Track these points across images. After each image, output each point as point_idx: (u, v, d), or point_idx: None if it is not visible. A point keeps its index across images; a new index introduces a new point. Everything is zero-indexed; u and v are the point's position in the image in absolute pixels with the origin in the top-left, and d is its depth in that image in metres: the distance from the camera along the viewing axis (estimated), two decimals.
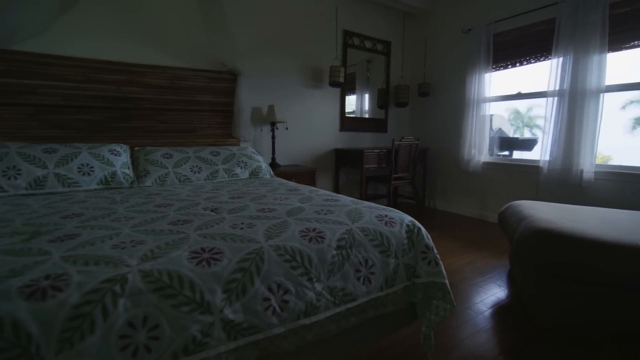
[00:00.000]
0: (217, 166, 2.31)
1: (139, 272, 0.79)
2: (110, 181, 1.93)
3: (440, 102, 4.04)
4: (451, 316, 1.78)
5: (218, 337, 0.82)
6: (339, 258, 1.06)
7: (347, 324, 1.06)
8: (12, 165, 1.73)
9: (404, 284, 1.22)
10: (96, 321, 0.70)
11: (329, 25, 3.57)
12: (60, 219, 1.22)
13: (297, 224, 1.14)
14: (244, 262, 0.90)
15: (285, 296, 0.93)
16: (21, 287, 0.70)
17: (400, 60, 4.23)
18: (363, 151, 3.36)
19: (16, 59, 2.23)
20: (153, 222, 1.18)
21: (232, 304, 0.85)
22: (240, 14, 3.02)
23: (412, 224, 1.31)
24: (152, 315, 0.75)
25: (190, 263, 0.85)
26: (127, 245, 0.92)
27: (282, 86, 3.37)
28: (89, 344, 0.69)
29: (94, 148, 2.04)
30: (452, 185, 3.99)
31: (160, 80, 2.71)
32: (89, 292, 0.72)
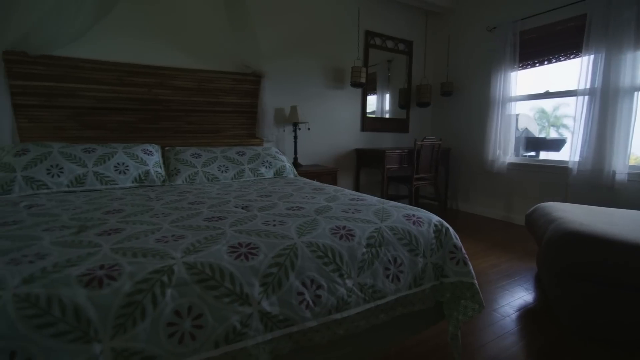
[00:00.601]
0: (243, 165, 2.38)
1: (183, 264, 0.84)
2: (144, 179, 2.03)
3: (464, 101, 3.98)
4: (477, 318, 1.76)
5: (256, 328, 0.85)
6: (368, 256, 1.09)
7: (377, 321, 1.08)
8: (55, 163, 1.84)
9: (432, 283, 1.22)
10: (147, 309, 0.75)
11: (351, 26, 3.59)
12: (102, 215, 1.30)
13: (327, 222, 1.17)
14: (279, 257, 0.94)
15: (318, 291, 0.96)
16: (79, 275, 0.76)
17: (422, 59, 4.19)
18: (384, 151, 3.36)
19: (57, 64, 2.36)
20: (189, 218, 1.23)
21: (269, 297, 0.88)
22: (264, 17, 3.09)
23: (440, 224, 1.31)
24: (196, 305, 0.80)
25: (229, 257, 0.89)
26: (170, 239, 0.98)
27: (304, 87, 3.42)
28: (140, 330, 0.74)
29: (128, 148, 2.14)
30: (475, 186, 3.92)
31: (188, 82, 2.80)
32: (140, 282, 0.77)
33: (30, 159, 1.82)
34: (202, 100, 2.89)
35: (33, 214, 1.32)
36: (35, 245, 0.94)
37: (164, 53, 2.73)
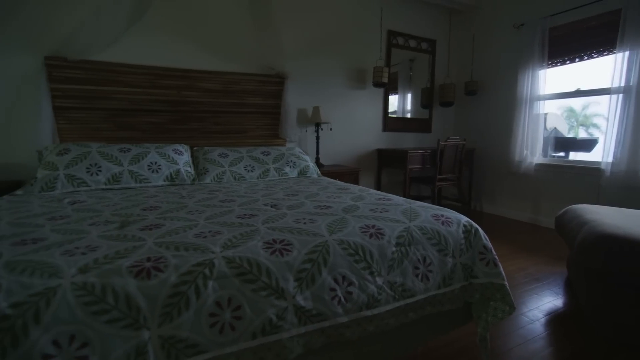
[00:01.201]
0: (268, 165, 2.43)
1: (223, 258, 0.88)
2: (175, 178, 2.11)
3: (489, 100, 3.90)
4: (505, 321, 1.73)
5: (291, 321, 0.88)
6: (398, 254, 1.10)
7: (406, 319, 1.09)
8: (94, 162, 1.94)
9: (461, 284, 1.22)
10: (190, 299, 0.79)
11: (373, 26, 3.59)
12: (141, 211, 1.37)
13: (356, 221, 1.19)
14: (312, 253, 0.97)
15: (349, 288, 0.98)
16: (129, 266, 0.81)
17: (445, 58, 4.13)
18: (407, 151, 3.34)
19: (94, 68, 2.49)
20: (222, 215, 1.28)
21: (303, 292, 0.91)
22: (288, 19, 3.14)
23: (469, 225, 1.30)
24: (236, 297, 0.84)
25: (265, 252, 0.93)
26: (207, 235, 1.02)
27: (327, 88, 3.45)
28: (185, 319, 0.78)
29: (160, 148, 2.23)
30: (500, 188, 3.83)
31: (215, 84, 2.89)
32: (185, 274, 0.81)
33: (71, 158, 1.93)
34: (228, 102, 2.96)
35: (77, 210, 1.40)
36: (85, 238, 1.01)
37: (192, 56, 2.82)
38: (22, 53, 2.34)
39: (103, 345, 0.71)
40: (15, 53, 2.33)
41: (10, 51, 2.32)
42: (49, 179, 1.82)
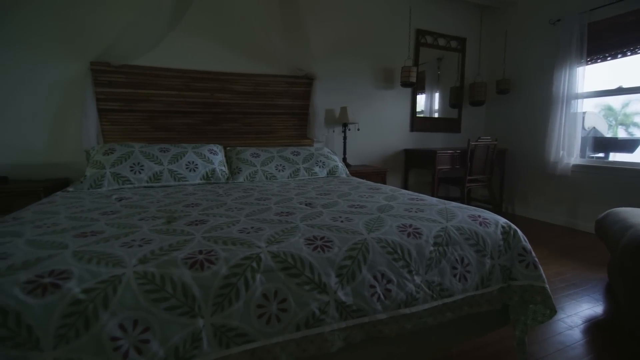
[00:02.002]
0: (298, 165, 2.47)
1: (268, 252, 0.92)
2: (210, 177, 2.19)
3: (522, 99, 3.77)
4: (542, 326, 1.68)
5: (332, 316, 0.91)
6: (436, 254, 1.10)
7: (443, 319, 1.09)
8: (137, 162, 2.06)
9: (499, 285, 1.20)
10: (240, 291, 0.84)
11: (402, 25, 3.56)
12: (184, 208, 1.44)
13: (392, 220, 1.20)
14: (352, 250, 0.99)
15: (388, 285, 1.00)
16: (184, 258, 0.86)
17: (476, 56, 4.04)
18: (436, 152, 3.29)
19: (134, 72, 2.63)
20: (260, 212, 1.33)
21: (344, 287, 0.94)
22: (316, 21, 3.17)
23: (508, 226, 1.28)
24: (281, 290, 0.88)
25: (307, 248, 0.96)
26: (251, 231, 1.07)
27: (354, 88, 3.46)
28: (235, 309, 0.83)
29: (197, 148, 2.33)
30: (534, 190, 3.70)
31: (246, 86, 2.97)
32: (234, 266, 0.86)
33: (116, 158, 2.05)
34: (258, 103, 3.04)
35: (125, 206, 1.50)
36: (138, 232, 1.08)
37: (225, 59, 2.92)
38: (71, 59, 2.51)
39: (162, 330, 0.76)
40: (64, 59, 2.50)
41: (60, 57, 2.49)
42: (96, 177, 1.95)
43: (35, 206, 1.48)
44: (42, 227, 1.12)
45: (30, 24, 2.40)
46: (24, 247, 0.93)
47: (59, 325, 0.70)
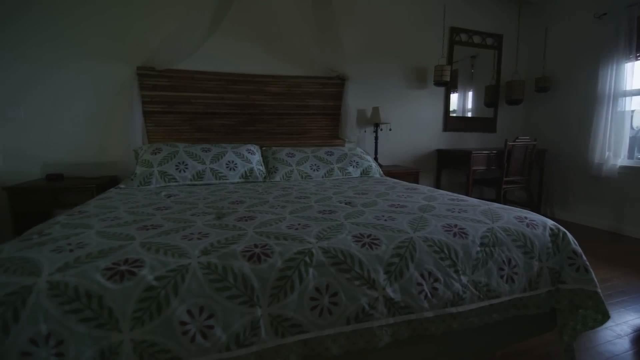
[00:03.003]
0: (333, 165, 2.51)
1: (319, 248, 0.95)
2: (249, 176, 2.27)
3: (564, 97, 3.61)
4: (589, 334, 1.62)
5: (381, 311, 0.94)
6: (482, 255, 1.09)
7: (489, 320, 1.08)
8: (181, 161, 2.17)
9: (547, 288, 1.18)
10: (295, 283, 0.88)
11: (435, 24, 3.51)
12: (230, 204, 1.51)
13: (436, 220, 1.20)
14: (400, 249, 1.01)
15: (435, 284, 1.00)
16: (242, 251, 0.92)
17: (513, 54, 3.91)
18: (471, 152, 3.22)
19: (176, 76, 2.76)
20: (303, 210, 1.37)
21: (392, 284, 0.96)
22: (349, 21, 3.19)
23: (557, 228, 1.25)
24: (333, 284, 0.91)
25: (356, 245, 0.99)
26: (299, 227, 1.11)
27: (386, 88, 3.45)
28: (290, 300, 0.87)
29: (236, 148, 2.42)
30: (576, 192, 3.53)
31: (280, 88, 3.04)
32: (288, 260, 0.90)
33: (163, 157, 2.17)
34: (291, 104, 3.10)
35: (175, 202, 1.59)
36: (193, 226, 1.15)
37: (260, 61, 3.00)
38: (120, 65, 2.68)
39: (225, 317, 0.82)
40: (114, 65, 2.68)
41: (111, 63, 2.67)
42: (145, 174, 2.07)
43: (95, 201, 1.60)
44: (106, 220, 1.22)
45: (85, 32, 2.58)
46: (96, 237, 1.02)
47: (135, 309, 0.77)
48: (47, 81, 2.55)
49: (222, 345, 0.81)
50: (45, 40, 2.51)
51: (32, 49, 2.49)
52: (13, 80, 2.49)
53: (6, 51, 2.45)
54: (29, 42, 2.48)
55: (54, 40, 2.53)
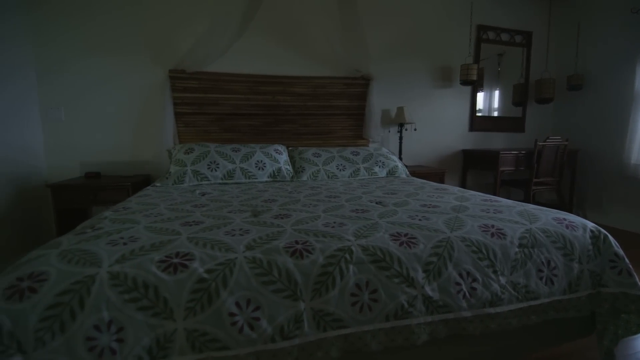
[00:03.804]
0: (359, 165, 2.52)
1: (358, 246, 0.97)
2: (277, 175, 2.32)
3: (598, 95, 3.47)
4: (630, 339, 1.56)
5: (419, 309, 0.95)
6: (521, 255, 1.09)
7: (528, 321, 1.07)
8: (213, 160, 2.24)
9: (588, 291, 1.15)
10: (336, 279, 0.91)
11: (462, 22, 3.46)
12: (263, 202, 1.56)
13: (472, 220, 1.20)
14: (438, 248, 1.01)
15: (473, 284, 1.01)
16: (284, 247, 0.95)
17: (543, 51, 3.79)
18: (499, 152, 3.15)
19: (205, 78, 2.85)
20: (336, 209, 1.39)
21: (430, 283, 0.97)
22: (374, 21, 3.19)
23: (597, 230, 1.22)
24: (372, 281, 0.93)
25: (394, 243, 1.00)
26: (335, 225, 1.14)
27: (411, 87, 3.43)
28: (331, 296, 0.90)
29: (264, 147, 2.47)
30: (611, 195, 3.39)
31: (305, 88, 3.07)
32: (329, 257, 0.93)
33: (196, 156, 2.25)
34: (316, 105, 3.13)
35: (210, 200, 1.65)
36: (233, 222, 1.20)
37: (285, 63, 3.05)
38: (153, 67, 2.80)
39: (270, 310, 0.85)
40: (147, 68, 2.79)
41: (144, 66, 2.78)
42: (179, 173, 2.15)
43: (135, 198, 1.69)
44: (150, 217, 1.29)
45: (120, 38, 2.71)
46: (145, 232, 1.08)
47: (188, 300, 0.82)
48: (85, 84, 2.69)
49: (267, 336, 0.84)
50: (83, 46, 2.65)
51: (72, 55, 2.64)
52: (55, 83, 2.64)
53: (48, 56, 2.60)
54: (70, 48, 2.63)
55: (93, 46, 2.66)
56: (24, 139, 2.51)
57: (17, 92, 2.44)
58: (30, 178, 2.56)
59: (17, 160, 2.41)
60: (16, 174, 2.40)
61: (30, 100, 2.58)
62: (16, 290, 0.77)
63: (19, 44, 2.48)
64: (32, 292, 0.77)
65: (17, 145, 2.42)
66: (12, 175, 2.36)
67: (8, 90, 2.34)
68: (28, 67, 2.56)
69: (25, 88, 2.54)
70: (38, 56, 2.59)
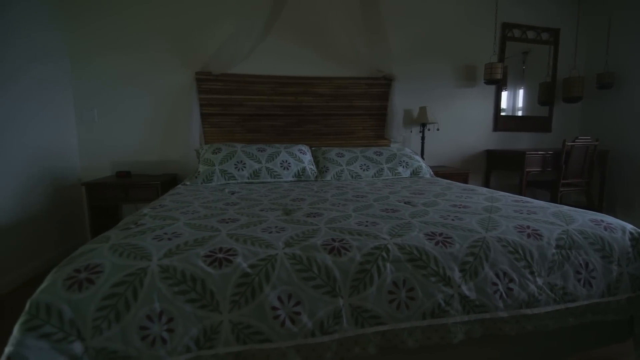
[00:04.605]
0: (382, 165, 2.52)
1: (394, 244, 0.99)
2: (301, 175, 2.35)
3: (630, 94, 3.35)
4: None
5: (456, 308, 0.95)
6: (558, 257, 1.07)
7: (565, 323, 1.06)
8: (239, 160, 2.29)
9: (627, 295, 1.13)
10: (373, 277, 0.92)
11: (486, 20, 3.41)
12: (291, 201, 1.59)
13: (506, 221, 1.19)
14: (473, 248, 1.02)
15: (510, 284, 1.00)
16: (322, 244, 0.97)
17: (571, 48, 3.68)
18: (525, 153, 3.09)
19: (231, 80, 2.91)
20: (366, 208, 1.41)
21: (467, 283, 0.97)
22: (397, 21, 3.18)
23: (637, 232, 1.19)
24: (409, 280, 0.94)
25: (430, 243, 1.01)
26: (369, 224, 1.15)
27: (433, 87, 3.40)
28: (369, 293, 0.91)
29: (288, 148, 2.51)
30: None
31: (327, 89, 3.10)
32: (366, 255, 0.95)
33: (223, 156, 2.31)
34: (338, 105, 3.15)
35: (241, 198, 1.69)
36: (267, 221, 1.23)
37: (308, 64, 3.08)
38: (180, 70, 2.88)
39: (311, 305, 0.88)
40: (175, 70, 2.88)
41: (172, 69, 2.87)
42: (208, 172, 2.22)
43: (169, 196, 1.75)
44: (187, 214, 1.34)
45: (149, 42, 2.81)
46: (186, 228, 1.12)
47: (233, 293, 0.85)
48: (116, 86, 2.81)
49: (307, 331, 0.87)
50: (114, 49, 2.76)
51: (103, 58, 2.75)
52: (88, 86, 2.77)
53: (82, 60, 2.73)
54: (101, 51, 2.74)
55: (123, 49, 2.77)
56: (61, 140, 2.64)
57: (55, 95, 2.57)
58: (66, 177, 2.68)
59: (54, 160, 2.53)
60: (54, 172, 2.53)
61: (66, 103, 2.71)
62: (75, 281, 0.83)
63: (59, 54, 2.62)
64: (90, 283, 0.82)
65: (55, 145, 2.55)
66: (50, 173, 2.49)
67: (47, 94, 2.47)
68: (66, 75, 2.70)
69: (62, 91, 2.67)
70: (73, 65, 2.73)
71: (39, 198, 2.36)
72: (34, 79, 2.33)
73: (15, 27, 2.18)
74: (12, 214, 2.10)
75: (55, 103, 2.56)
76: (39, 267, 2.32)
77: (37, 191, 2.35)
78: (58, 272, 0.86)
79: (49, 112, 2.49)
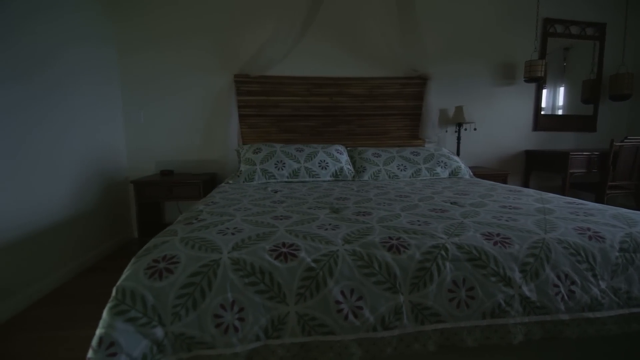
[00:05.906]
0: (420, 165, 2.51)
1: (452, 243, 1.00)
2: (339, 174, 2.38)
3: None
4: None
5: (516, 309, 0.95)
6: (622, 260, 1.04)
7: (628, 329, 1.03)
8: (279, 160, 2.35)
9: None
10: (433, 275, 0.94)
11: (526, 16, 3.30)
12: (335, 200, 1.62)
13: (563, 222, 1.17)
14: (534, 249, 1.01)
15: (572, 287, 0.99)
16: (380, 242, 1.00)
17: (619, 43, 3.50)
18: (568, 153, 2.97)
19: (268, 82, 2.99)
20: (412, 208, 1.42)
21: (528, 284, 0.97)
22: (432, 19, 3.14)
23: None
24: (469, 279, 0.95)
25: (488, 242, 1.01)
26: (421, 223, 1.17)
27: (470, 86, 3.33)
28: (429, 290, 0.93)
29: (325, 148, 2.55)
30: None
31: (362, 89, 3.11)
32: (425, 253, 0.96)
33: (264, 156, 2.38)
34: (372, 105, 3.15)
35: (284, 197, 1.74)
36: (319, 218, 1.27)
37: (343, 65, 3.11)
38: (220, 73, 2.99)
39: (372, 301, 0.91)
40: (215, 73, 2.99)
41: (213, 72, 2.99)
42: (250, 172, 2.29)
43: (217, 194, 1.83)
44: (241, 210, 1.40)
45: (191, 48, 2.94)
46: (244, 224, 1.18)
47: (299, 286, 0.90)
48: (160, 89, 2.95)
49: (369, 325, 0.89)
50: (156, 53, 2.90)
51: (149, 62, 2.90)
52: (135, 88, 2.93)
53: (130, 64, 2.89)
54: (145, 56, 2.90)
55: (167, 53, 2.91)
56: (112, 140, 2.81)
57: (105, 98, 2.74)
58: (115, 175, 2.85)
59: (105, 159, 2.70)
60: (104, 171, 2.70)
61: (115, 105, 2.88)
62: (155, 270, 0.90)
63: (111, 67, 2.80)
64: (169, 273, 0.89)
65: (105, 145, 2.71)
66: (101, 172, 2.65)
67: (99, 97, 2.64)
68: (116, 81, 2.88)
69: (112, 93, 2.84)
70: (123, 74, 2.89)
71: (92, 196, 2.53)
72: (90, 85, 2.50)
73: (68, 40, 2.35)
74: (69, 211, 2.27)
75: (105, 105, 2.73)
76: (93, 258, 2.49)
77: (91, 190, 2.51)
78: (138, 262, 0.93)
79: (100, 113, 2.65)
